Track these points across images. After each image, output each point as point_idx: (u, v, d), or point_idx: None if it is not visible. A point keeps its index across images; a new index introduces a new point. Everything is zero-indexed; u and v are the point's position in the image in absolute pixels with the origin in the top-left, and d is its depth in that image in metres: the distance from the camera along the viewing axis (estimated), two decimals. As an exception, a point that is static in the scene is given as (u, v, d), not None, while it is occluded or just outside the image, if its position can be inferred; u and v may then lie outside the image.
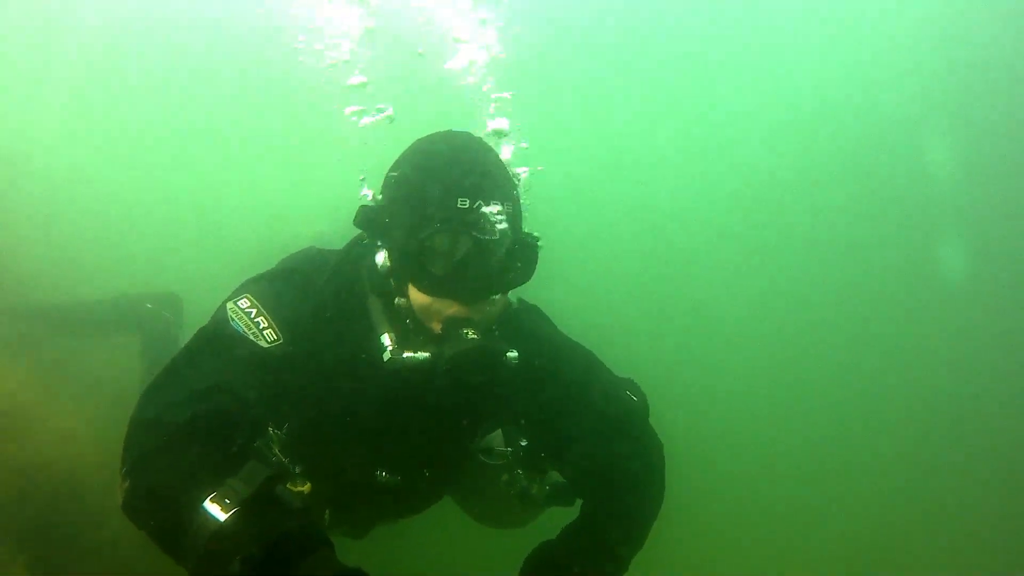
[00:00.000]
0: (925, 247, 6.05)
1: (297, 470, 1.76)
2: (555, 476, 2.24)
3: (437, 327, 1.78)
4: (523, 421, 2.15)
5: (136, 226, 5.50)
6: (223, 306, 1.82)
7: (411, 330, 1.82)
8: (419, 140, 1.90)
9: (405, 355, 1.76)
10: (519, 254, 1.81)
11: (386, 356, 1.77)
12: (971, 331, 5.64)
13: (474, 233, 1.71)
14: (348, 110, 3.08)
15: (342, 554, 1.45)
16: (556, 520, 2.00)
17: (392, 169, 1.89)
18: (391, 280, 1.82)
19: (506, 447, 2.23)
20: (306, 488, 1.74)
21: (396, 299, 1.82)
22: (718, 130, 6.74)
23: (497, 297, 1.82)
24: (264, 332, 1.75)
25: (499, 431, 2.25)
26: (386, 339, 1.80)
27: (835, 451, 5.28)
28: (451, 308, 1.75)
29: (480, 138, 1.91)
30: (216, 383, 1.64)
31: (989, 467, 5.05)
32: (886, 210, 6.13)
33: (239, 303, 1.80)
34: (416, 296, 1.77)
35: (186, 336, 1.84)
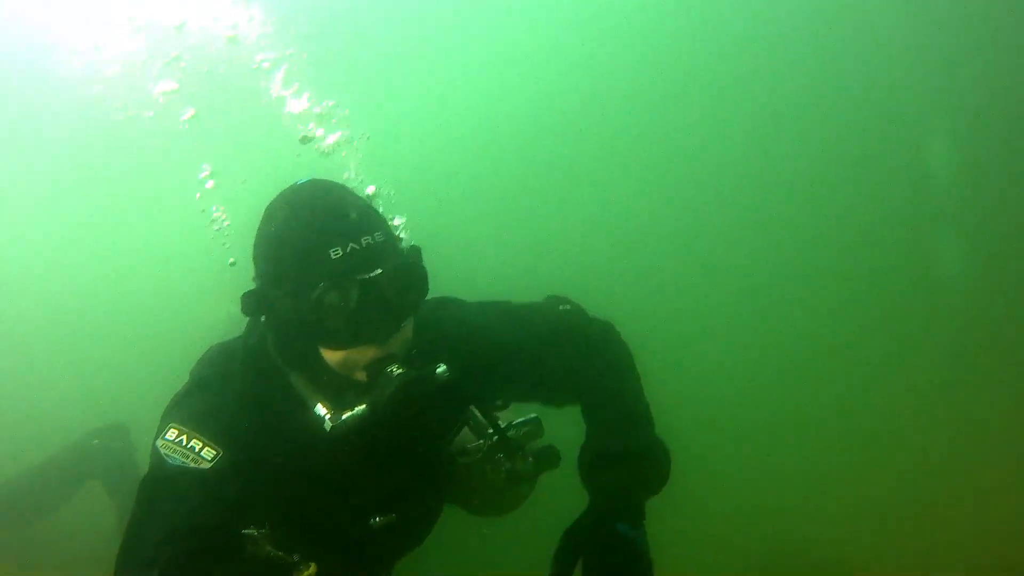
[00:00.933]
0: (923, 243, 5.82)
1: (296, 557, 1.82)
2: (532, 445, 2.35)
3: (362, 375, 1.82)
4: (499, 402, 2.23)
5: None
6: (154, 447, 1.83)
7: (340, 389, 1.85)
8: (267, 208, 1.89)
9: (344, 416, 1.79)
10: (408, 274, 1.84)
11: (327, 426, 1.80)
12: (971, 329, 5.52)
13: (357, 277, 1.73)
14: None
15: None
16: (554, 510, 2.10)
17: (256, 247, 1.89)
18: (300, 350, 1.84)
19: (478, 440, 2.32)
20: (312, 570, 1.79)
21: (313, 365, 1.83)
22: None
23: (405, 323, 1.86)
24: (202, 453, 1.76)
25: (465, 429, 2.34)
26: (320, 409, 1.82)
27: (832, 451, 5.22)
28: (366, 353, 1.79)
29: (324, 180, 1.92)
30: (173, 526, 1.66)
31: (989, 467, 4.99)
32: (874, 204, 5.84)
33: (167, 436, 1.81)
34: (329, 355, 1.80)
35: (142, 458, 1.83)
